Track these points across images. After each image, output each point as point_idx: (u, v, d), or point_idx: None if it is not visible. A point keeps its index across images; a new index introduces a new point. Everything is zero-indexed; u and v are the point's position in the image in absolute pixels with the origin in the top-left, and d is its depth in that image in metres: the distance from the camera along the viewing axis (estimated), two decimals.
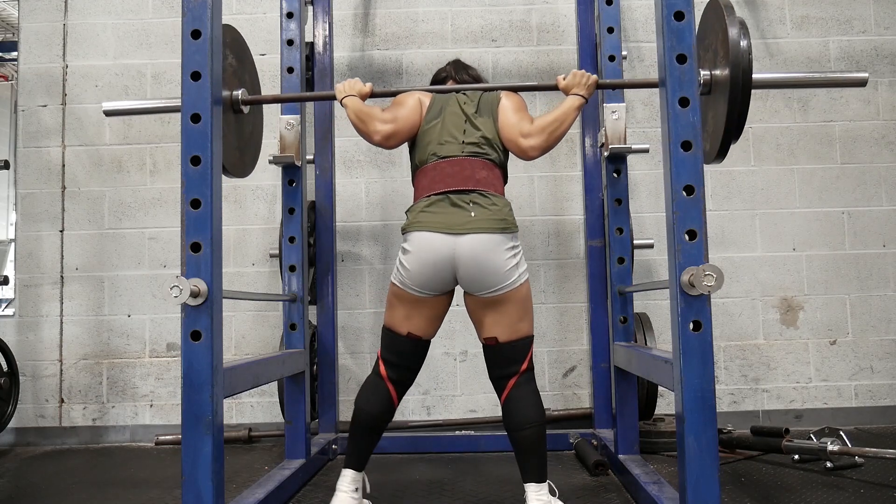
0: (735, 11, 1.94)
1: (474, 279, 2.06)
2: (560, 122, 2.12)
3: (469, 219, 2.06)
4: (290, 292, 2.74)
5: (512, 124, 2.18)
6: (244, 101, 2.19)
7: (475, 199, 2.09)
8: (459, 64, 2.48)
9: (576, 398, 3.41)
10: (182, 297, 1.72)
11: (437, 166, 2.15)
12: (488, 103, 2.23)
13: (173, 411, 3.40)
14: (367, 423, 2.12)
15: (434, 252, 2.06)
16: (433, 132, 2.19)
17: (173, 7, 3.56)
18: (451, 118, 2.20)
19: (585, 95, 2.16)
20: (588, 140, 3.21)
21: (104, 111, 2.31)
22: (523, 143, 2.14)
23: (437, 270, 2.07)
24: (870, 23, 3.53)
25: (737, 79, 1.85)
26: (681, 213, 1.72)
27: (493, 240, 2.05)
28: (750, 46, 1.87)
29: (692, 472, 1.68)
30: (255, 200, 3.47)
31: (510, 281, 2.06)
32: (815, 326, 3.42)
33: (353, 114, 2.17)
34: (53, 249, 3.47)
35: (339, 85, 2.23)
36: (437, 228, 2.06)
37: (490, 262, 2.04)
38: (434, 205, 2.11)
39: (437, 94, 2.28)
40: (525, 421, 2.02)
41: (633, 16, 3.56)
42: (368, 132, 2.17)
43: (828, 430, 2.56)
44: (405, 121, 2.20)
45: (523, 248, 3.47)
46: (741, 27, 1.88)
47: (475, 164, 2.15)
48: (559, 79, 2.20)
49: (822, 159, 3.48)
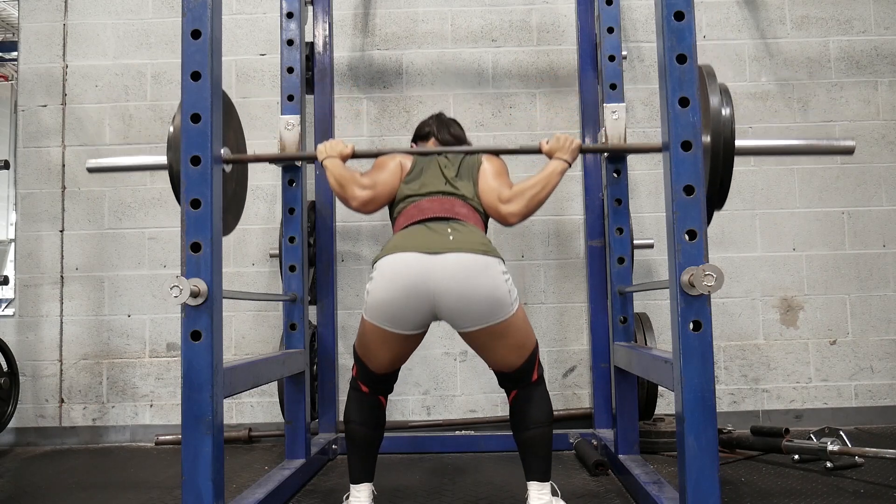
0: (717, 78, 1.90)
1: (461, 310, 1.87)
2: (542, 187, 2.08)
3: (448, 241, 1.90)
4: (290, 292, 2.74)
5: (492, 188, 2.13)
6: (227, 160, 2.10)
7: (454, 225, 1.97)
8: (443, 121, 2.44)
9: (576, 398, 3.41)
10: (182, 297, 1.72)
11: (416, 205, 2.10)
12: (469, 167, 2.19)
13: (173, 411, 3.40)
14: (365, 438, 2.03)
15: (406, 276, 1.85)
16: (412, 187, 2.15)
17: (173, 7, 3.56)
18: (430, 179, 2.16)
19: (569, 160, 2.12)
20: (588, 140, 3.21)
21: (88, 168, 2.28)
22: (503, 209, 2.09)
23: (410, 298, 1.85)
24: (870, 23, 3.53)
25: (718, 148, 1.82)
26: (681, 213, 1.72)
27: (480, 261, 1.87)
28: (732, 115, 1.84)
29: (692, 472, 1.68)
30: (255, 200, 3.47)
31: (507, 308, 1.90)
32: (815, 326, 3.42)
33: (332, 177, 2.13)
34: (53, 249, 3.47)
35: (320, 146, 2.21)
36: (411, 249, 1.89)
37: (480, 288, 1.84)
38: (408, 231, 2.00)
39: (419, 156, 2.24)
40: (532, 421, 2.00)
41: (633, 16, 3.56)
42: (346, 197, 2.13)
43: (828, 430, 2.56)
44: (384, 185, 2.16)
45: (523, 249, 3.50)
46: (723, 95, 1.85)
47: (455, 202, 2.09)
48: (542, 143, 2.17)
49: (822, 159, 3.48)
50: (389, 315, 1.90)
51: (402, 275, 1.86)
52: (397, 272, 1.87)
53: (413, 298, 1.86)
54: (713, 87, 1.87)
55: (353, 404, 2.07)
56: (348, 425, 2.05)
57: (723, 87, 1.88)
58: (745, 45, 3.54)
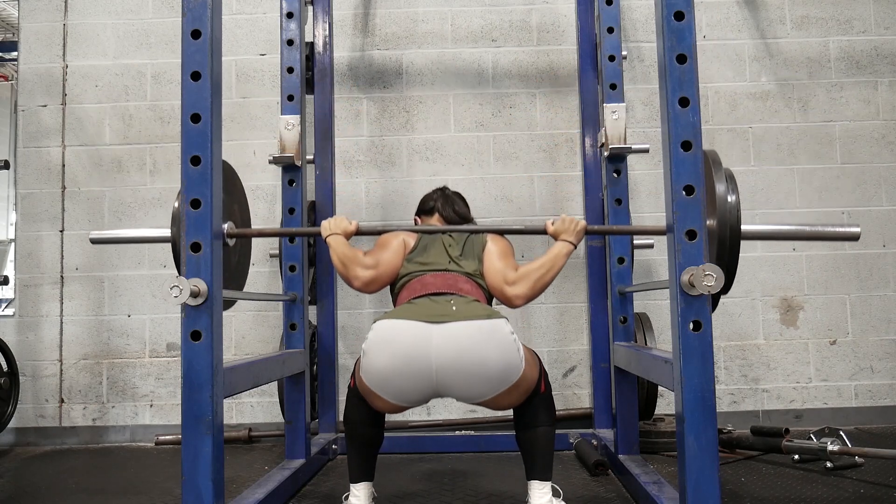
0: (722, 164, 1.88)
1: (469, 385, 1.82)
2: (547, 269, 2.05)
3: (450, 311, 1.87)
4: (290, 292, 2.74)
5: (497, 270, 2.12)
6: (230, 235, 2.08)
7: (457, 299, 1.96)
8: (448, 197, 2.43)
9: (576, 398, 3.41)
10: (182, 297, 1.72)
11: (420, 279, 2.09)
12: (473, 246, 2.19)
13: (173, 411, 3.40)
14: (366, 438, 2.02)
15: (404, 344, 1.79)
16: (415, 264, 2.15)
17: (173, 7, 3.56)
18: (435, 257, 2.15)
19: (574, 242, 2.10)
20: (588, 140, 3.21)
21: (91, 239, 2.27)
22: (508, 292, 2.08)
23: (409, 370, 1.80)
24: (870, 23, 3.53)
25: (724, 234, 1.81)
26: (681, 213, 1.72)
27: (485, 327, 1.82)
28: (738, 202, 1.83)
29: (692, 472, 1.68)
30: (255, 200, 3.47)
31: (518, 368, 1.85)
32: (815, 326, 3.42)
33: (335, 256, 2.10)
34: (53, 249, 3.47)
35: (324, 222, 2.16)
36: (412, 317, 1.84)
37: (489, 359, 1.80)
38: (410, 303, 1.98)
39: (423, 233, 2.23)
40: (535, 421, 1.99)
41: (633, 16, 3.56)
42: (349, 277, 2.10)
43: (828, 430, 2.56)
44: (387, 265, 2.14)
45: (524, 249, 3.49)
46: (729, 181, 1.84)
47: (458, 278, 2.08)
48: (548, 223, 2.14)
49: (822, 159, 3.48)
50: (386, 388, 1.87)
51: (400, 342, 1.82)
52: (395, 339, 1.83)
53: (413, 371, 1.82)
54: (719, 173, 1.85)
55: (352, 404, 2.06)
56: (348, 425, 2.04)
57: (728, 173, 1.86)
58: (745, 45, 3.54)
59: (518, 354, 1.88)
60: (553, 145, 3.51)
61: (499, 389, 1.87)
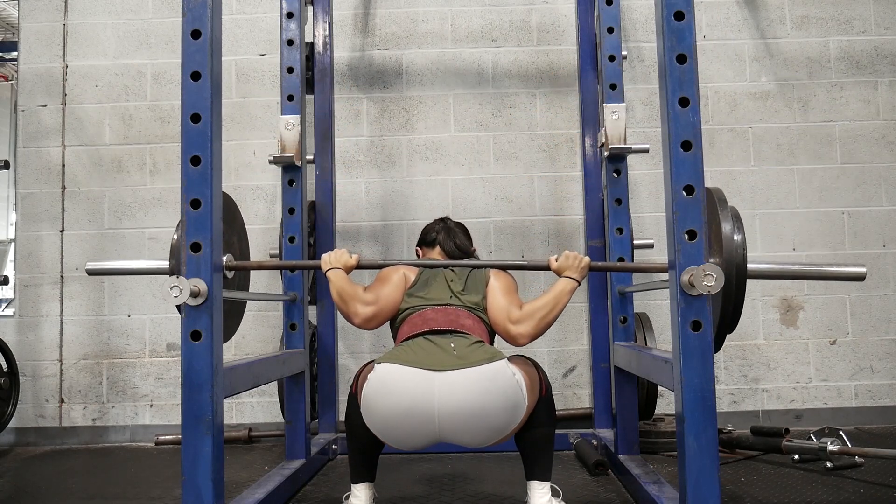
0: (728, 203, 1.87)
1: (472, 435, 1.83)
2: (551, 307, 2.03)
3: (451, 357, 1.84)
4: (290, 292, 2.74)
5: (501, 307, 2.10)
6: (229, 267, 2.07)
7: (457, 339, 1.94)
8: (450, 229, 2.41)
9: (576, 398, 3.41)
10: (182, 298, 1.72)
11: (420, 314, 2.07)
12: (476, 282, 2.17)
13: (173, 411, 3.40)
14: (367, 438, 1.98)
15: (407, 395, 1.77)
16: (417, 298, 2.13)
17: (173, 7, 3.56)
18: (436, 292, 2.14)
19: (578, 279, 2.09)
20: (588, 140, 3.21)
21: (87, 271, 2.26)
22: (512, 330, 2.06)
23: (411, 420, 1.78)
24: (870, 23, 3.53)
25: (731, 274, 1.81)
26: (681, 213, 1.72)
27: (487, 373, 1.80)
28: (744, 241, 1.83)
29: (692, 472, 1.68)
30: (255, 200, 3.47)
31: (522, 406, 1.85)
32: (815, 326, 3.42)
33: (335, 291, 2.08)
34: (53, 249, 3.47)
35: (325, 255, 2.16)
36: (413, 363, 1.82)
37: (493, 406, 1.79)
38: (409, 343, 1.96)
39: (424, 268, 2.21)
40: (535, 421, 1.99)
41: (633, 16, 3.55)
42: (349, 314, 2.09)
43: (828, 430, 2.56)
44: (387, 300, 2.12)
45: (524, 249, 3.50)
46: (734, 221, 1.84)
47: (460, 313, 2.06)
48: (551, 259, 2.13)
49: (822, 159, 3.48)
50: (388, 435, 1.88)
51: (401, 393, 1.80)
52: (396, 389, 1.81)
53: (415, 422, 1.81)
54: (724, 212, 1.85)
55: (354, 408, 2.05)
56: (350, 426, 2.03)
57: (734, 213, 1.86)
58: (745, 45, 3.54)
59: (521, 393, 1.87)
60: (553, 145, 3.51)
61: (504, 433, 1.89)
